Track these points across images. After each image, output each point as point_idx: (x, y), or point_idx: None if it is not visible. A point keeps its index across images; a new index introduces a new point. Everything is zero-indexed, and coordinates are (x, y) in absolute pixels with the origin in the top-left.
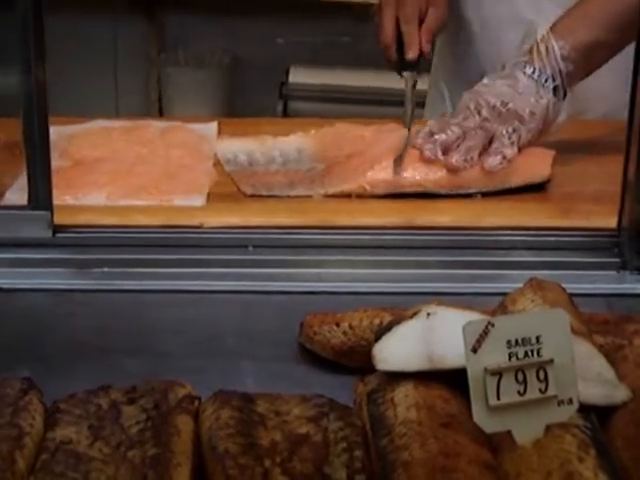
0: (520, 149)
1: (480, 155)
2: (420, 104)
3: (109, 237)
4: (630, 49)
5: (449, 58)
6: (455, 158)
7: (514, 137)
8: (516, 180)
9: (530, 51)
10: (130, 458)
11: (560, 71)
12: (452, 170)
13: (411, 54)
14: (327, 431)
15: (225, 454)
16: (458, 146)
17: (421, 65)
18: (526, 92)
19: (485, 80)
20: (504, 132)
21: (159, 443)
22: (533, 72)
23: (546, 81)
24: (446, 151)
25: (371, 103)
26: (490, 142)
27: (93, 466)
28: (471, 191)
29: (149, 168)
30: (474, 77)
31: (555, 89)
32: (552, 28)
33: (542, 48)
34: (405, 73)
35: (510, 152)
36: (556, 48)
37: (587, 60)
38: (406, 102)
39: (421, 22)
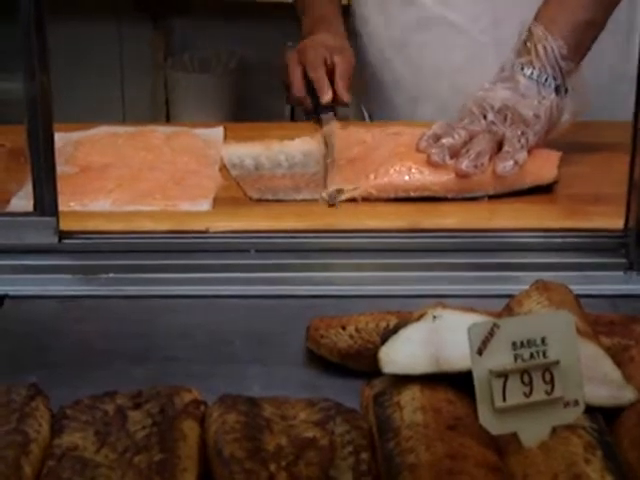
0: (528, 151)
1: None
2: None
3: (115, 243)
4: (634, 51)
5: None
6: (465, 164)
7: (523, 140)
8: (523, 182)
9: (528, 52)
10: (136, 463)
11: (561, 69)
12: (461, 175)
13: (325, 97)
14: (333, 435)
15: (231, 458)
16: (467, 151)
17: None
18: (528, 94)
19: (486, 84)
20: (513, 136)
21: (165, 448)
22: (532, 73)
23: (546, 81)
24: (453, 155)
25: None
26: (499, 146)
27: (99, 472)
28: (478, 194)
29: (155, 174)
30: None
31: (557, 88)
32: (534, 22)
33: (540, 48)
34: (323, 115)
35: (521, 156)
36: (555, 47)
37: (576, 45)
38: (329, 144)
39: (328, 71)
